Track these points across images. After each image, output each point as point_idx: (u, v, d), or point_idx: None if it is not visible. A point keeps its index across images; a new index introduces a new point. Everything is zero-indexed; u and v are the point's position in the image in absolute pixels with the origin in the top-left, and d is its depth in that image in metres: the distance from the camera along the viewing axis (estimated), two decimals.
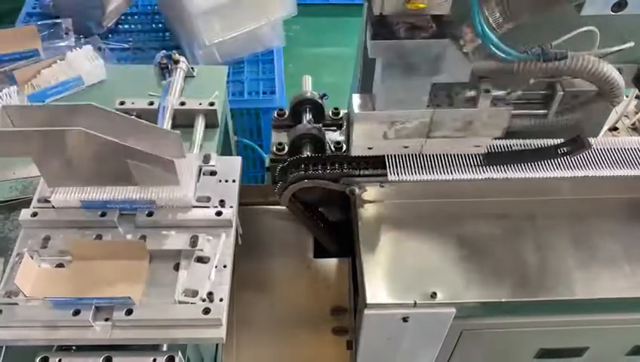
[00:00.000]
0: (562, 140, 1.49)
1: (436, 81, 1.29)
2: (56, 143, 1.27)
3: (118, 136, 1.29)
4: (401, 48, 1.17)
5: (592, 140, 1.47)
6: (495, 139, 1.48)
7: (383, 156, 1.50)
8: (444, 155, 1.49)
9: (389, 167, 1.47)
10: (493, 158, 1.49)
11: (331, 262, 1.80)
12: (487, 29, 1.15)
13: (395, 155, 1.49)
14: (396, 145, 1.45)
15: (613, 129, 1.80)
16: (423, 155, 1.49)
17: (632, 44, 1.30)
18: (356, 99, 1.39)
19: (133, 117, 1.39)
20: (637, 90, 1.63)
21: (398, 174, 1.47)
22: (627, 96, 1.70)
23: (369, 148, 1.46)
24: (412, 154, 1.49)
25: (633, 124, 1.81)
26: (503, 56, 1.21)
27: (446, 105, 1.37)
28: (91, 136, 1.26)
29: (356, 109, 1.37)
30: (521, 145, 1.52)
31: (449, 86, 1.36)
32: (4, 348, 1.35)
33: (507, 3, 1.17)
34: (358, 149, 1.46)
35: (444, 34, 1.15)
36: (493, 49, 1.18)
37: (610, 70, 1.30)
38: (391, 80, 1.26)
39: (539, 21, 1.23)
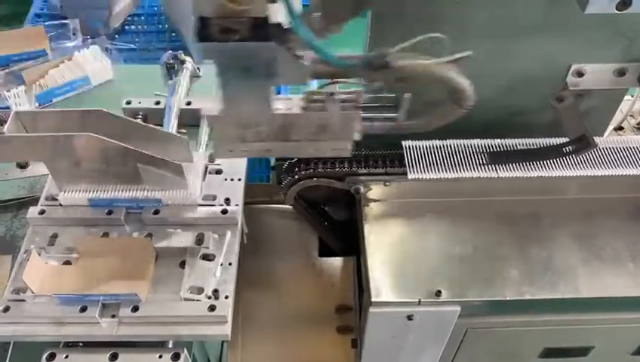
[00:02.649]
0: (567, 139, 1.49)
1: (276, 85, 1.23)
2: (67, 148, 1.30)
3: (128, 140, 1.32)
4: (229, 52, 1.11)
5: (597, 139, 1.47)
6: (498, 138, 1.48)
7: (388, 154, 1.51)
8: (448, 153, 1.50)
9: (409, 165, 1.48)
10: (498, 157, 1.50)
11: (336, 261, 1.81)
12: (306, 32, 1.08)
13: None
14: (257, 148, 1.37)
15: (619, 128, 1.80)
16: (423, 153, 1.50)
17: (469, 52, 1.22)
18: (208, 103, 1.31)
19: (142, 122, 1.44)
20: None
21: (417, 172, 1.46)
22: (632, 96, 1.70)
23: (230, 151, 1.37)
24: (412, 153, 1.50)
25: (638, 124, 1.80)
26: (332, 62, 1.14)
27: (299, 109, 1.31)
28: (101, 140, 1.28)
29: (209, 112, 1.30)
30: (526, 145, 1.53)
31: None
32: (11, 343, 1.36)
33: (324, 7, 1.14)
34: (220, 153, 1.38)
35: (269, 37, 1.09)
36: (318, 55, 1.12)
37: (451, 75, 1.22)
38: (229, 83, 1.21)
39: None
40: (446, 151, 1.51)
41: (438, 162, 1.49)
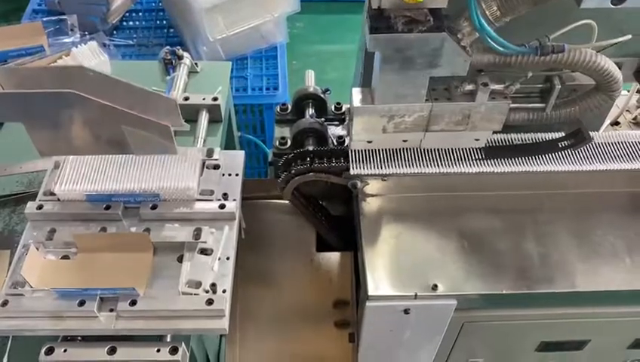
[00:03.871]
0: (563, 134, 1.50)
1: (434, 75, 1.30)
2: (47, 107, 1.22)
3: (112, 100, 1.23)
4: (399, 42, 1.17)
5: (593, 134, 1.48)
6: (495, 133, 1.49)
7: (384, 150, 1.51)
8: (445, 149, 1.50)
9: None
10: (494, 152, 1.50)
11: (334, 256, 1.81)
12: (484, 23, 1.16)
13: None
14: (395, 138, 1.45)
15: (615, 123, 1.81)
16: (423, 149, 1.50)
17: (629, 36, 1.30)
18: (356, 93, 1.40)
19: (128, 81, 1.32)
20: (638, 85, 1.63)
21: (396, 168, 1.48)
22: (628, 91, 1.71)
23: (369, 142, 1.47)
24: (411, 148, 1.50)
25: (634, 119, 1.81)
26: (501, 49, 1.21)
27: (444, 99, 1.38)
28: (81, 98, 1.20)
29: (356, 103, 1.38)
30: (522, 139, 1.53)
31: (447, 80, 1.37)
32: (10, 337, 1.37)
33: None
34: (358, 143, 1.46)
35: (441, 28, 1.15)
36: (491, 42, 1.19)
37: (607, 63, 1.30)
38: (389, 74, 1.27)
39: (536, 14, 1.24)
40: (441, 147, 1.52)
41: (435, 157, 1.49)
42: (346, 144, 1.72)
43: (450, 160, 1.48)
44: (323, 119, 1.79)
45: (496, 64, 1.30)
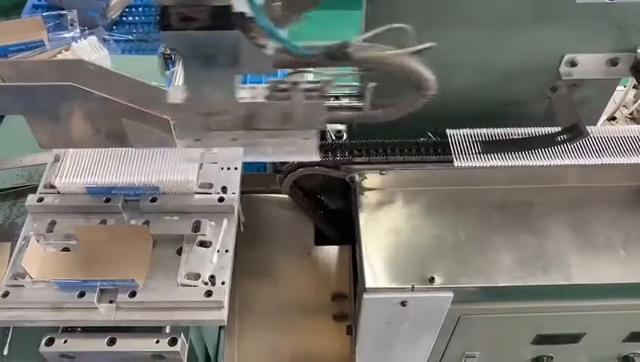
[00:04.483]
0: (560, 128, 1.51)
1: (240, 74, 1.23)
2: (45, 99, 1.22)
3: (111, 93, 1.23)
4: (190, 40, 1.11)
5: (589, 128, 1.49)
6: (491, 128, 1.50)
7: (383, 143, 1.52)
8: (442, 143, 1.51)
9: None
10: (492, 146, 1.51)
11: (332, 250, 1.83)
12: (268, 22, 1.08)
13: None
14: (225, 136, 1.36)
15: (612, 118, 1.82)
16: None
17: (432, 44, 1.20)
18: (172, 90, 1.32)
19: (128, 75, 1.31)
20: (635, 80, 1.64)
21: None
22: (625, 86, 1.72)
23: (196, 140, 1.36)
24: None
25: (631, 114, 1.82)
26: (293, 51, 1.15)
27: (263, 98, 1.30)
28: (82, 91, 1.20)
29: (170, 100, 1.30)
30: (519, 134, 1.54)
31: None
32: (10, 328, 1.38)
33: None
34: (182, 143, 1.35)
35: (231, 25, 1.09)
36: (279, 44, 1.13)
37: (412, 65, 1.21)
38: (193, 72, 1.20)
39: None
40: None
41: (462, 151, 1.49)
42: (344, 138, 1.73)
43: (447, 154, 1.49)
44: None
45: (298, 64, 1.23)
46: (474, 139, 1.51)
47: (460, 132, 1.51)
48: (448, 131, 1.50)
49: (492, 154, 1.49)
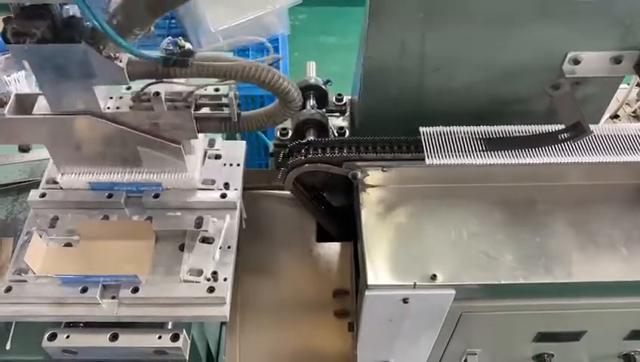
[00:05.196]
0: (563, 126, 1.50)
1: (97, 85, 1.24)
2: (68, 129, 1.31)
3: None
4: (37, 54, 1.12)
5: (592, 126, 1.48)
6: (495, 125, 1.49)
7: (386, 140, 1.52)
8: (445, 140, 1.51)
9: None
10: (495, 144, 1.51)
11: (334, 246, 1.83)
12: (111, 30, 1.09)
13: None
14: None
15: (615, 116, 1.81)
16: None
17: (280, 56, 1.32)
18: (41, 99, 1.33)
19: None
20: (638, 78, 1.63)
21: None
22: (628, 84, 1.71)
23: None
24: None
25: (634, 112, 1.81)
26: (135, 54, 1.16)
27: (126, 107, 1.33)
28: (102, 122, 1.28)
29: (35, 110, 1.32)
30: (522, 131, 1.54)
31: None
32: (13, 323, 1.38)
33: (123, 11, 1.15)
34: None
35: (72, 38, 1.10)
36: (123, 50, 1.15)
37: (258, 75, 1.27)
38: (47, 82, 1.21)
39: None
40: (443, 138, 1.52)
41: (435, 148, 1.50)
42: (346, 135, 1.73)
43: (451, 151, 1.49)
44: (324, 110, 1.80)
45: (154, 74, 1.24)
46: (447, 137, 1.50)
47: (433, 130, 1.51)
48: (421, 129, 1.49)
49: (495, 152, 1.49)
